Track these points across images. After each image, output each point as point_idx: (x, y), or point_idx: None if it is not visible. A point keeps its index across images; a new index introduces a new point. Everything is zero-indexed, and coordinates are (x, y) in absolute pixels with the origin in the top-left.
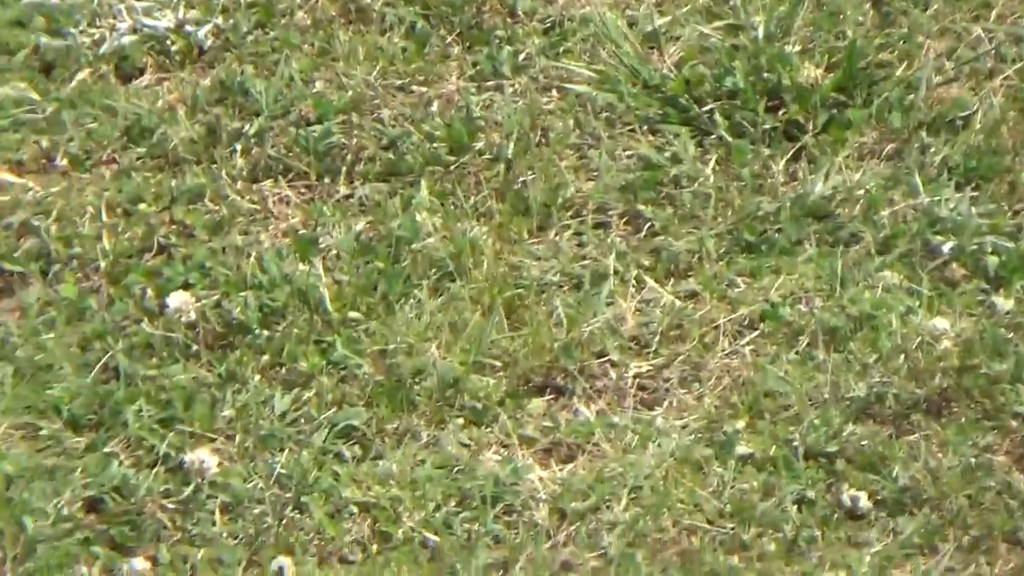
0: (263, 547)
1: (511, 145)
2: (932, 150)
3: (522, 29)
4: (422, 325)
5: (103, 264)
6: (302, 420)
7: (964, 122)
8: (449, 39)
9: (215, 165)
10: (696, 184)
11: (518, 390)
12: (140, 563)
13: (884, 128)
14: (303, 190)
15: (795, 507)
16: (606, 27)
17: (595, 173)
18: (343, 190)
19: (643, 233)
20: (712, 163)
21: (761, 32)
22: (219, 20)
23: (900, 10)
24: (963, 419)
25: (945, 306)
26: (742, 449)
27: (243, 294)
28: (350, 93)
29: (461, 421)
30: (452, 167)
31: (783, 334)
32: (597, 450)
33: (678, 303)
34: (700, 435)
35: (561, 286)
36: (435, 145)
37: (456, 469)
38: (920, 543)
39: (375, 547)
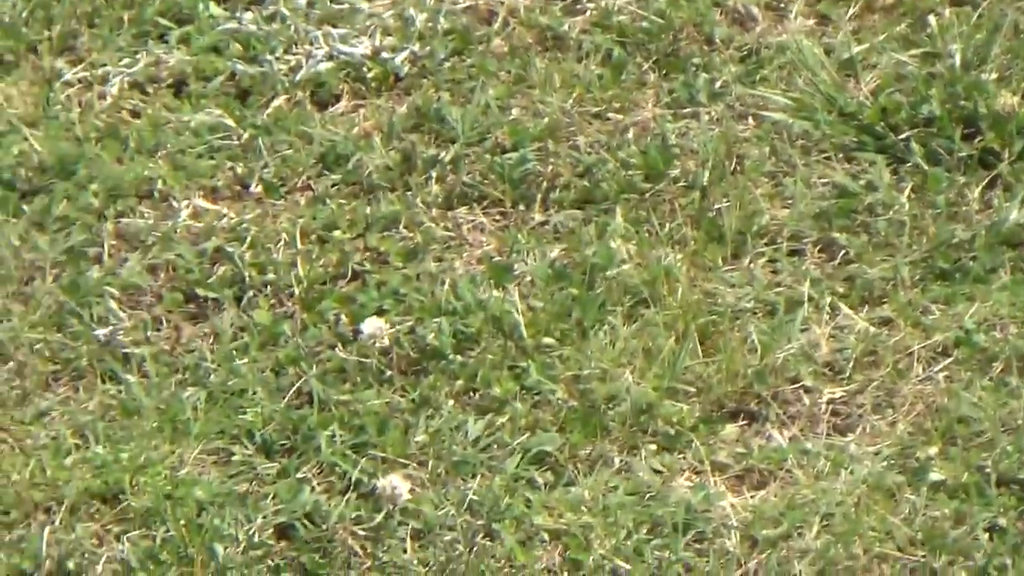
0: (454, 575)
1: (706, 173)
2: None
3: (718, 57)
4: (616, 351)
5: (297, 290)
6: (495, 446)
7: None
8: (645, 67)
9: (410, 192)
10: (891, 212)
11: (711, 416)
12: None
13: None
14: (498, 217)
15: (987, 535)
16: (802, 55)
17: (790, 201)
18: (538, 217)
19: (837, 260)
20: (907, 191)
21: (958, 60)
22: (415, 47)
23: None
24: None
25: None
26: (935, 476)
27: (437, 320)
28: (546, 120)
29: (654, 447)
30: (647, 194)
31: (977, 361)
32: (789, 477)
33: (872, 329)
34: (893, 461)
35: (755, 312)
36: (630, 172)
37: (648, 496)
38: None
39: (566, 575)
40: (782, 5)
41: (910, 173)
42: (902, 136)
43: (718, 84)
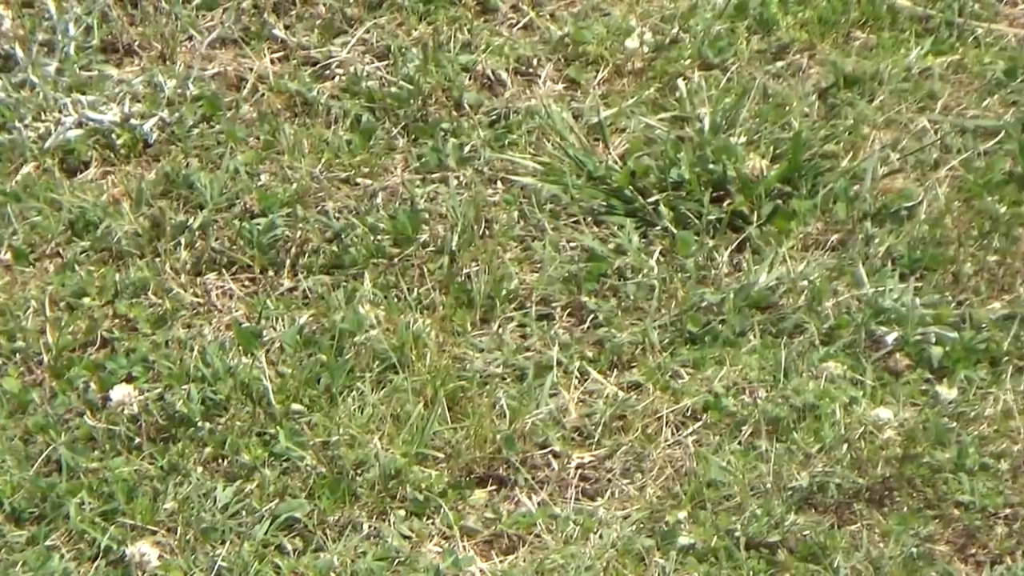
0: None
1: (455, 237)
2: (877, 241)
3: (467, 122)
4: (365, 417)
5: (46, 358)
6: (244, 512)
7: (909, 213)
8: (395, 132)
9: (159, 259)
10: (640, 276)
11: (460, 481)
12: None
13: (829, 219)
14: (247, 283)
15: None
16: (551, 119)
17: (539, 265)
18: (287, 283)
19: (587, 324)
20: (656, 254)
21: (707, 124)
22: (165, 114)
23: (846, 101)
24: (905, 508)
25: (889, 396)
26: (684, 540)
27: (186, 387)
28: (295, 186)
29: (403, 512)
30: (396, 259)
31: (726, 424)
32: (539, 541)
33: (621, 394)
34: (642, 525)
35: (504, 378)
36: (379, 237)
37: (397, 561)
38: None
39: None
40: (531, 70)
41: (659, 237)
42: (651, 200)
43: (467, 149)
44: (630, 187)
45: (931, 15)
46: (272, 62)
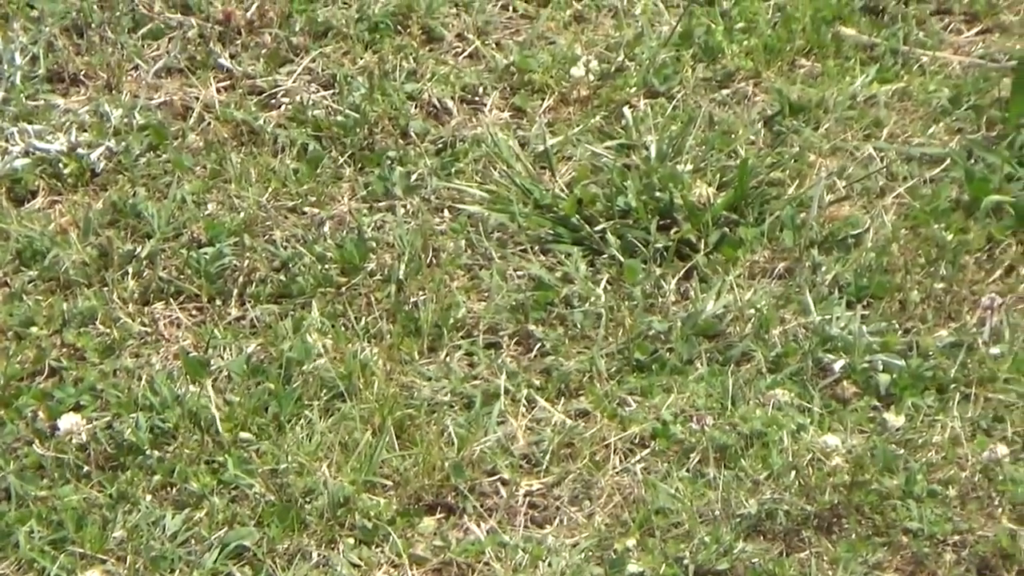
0: None
1: (402, 266)
2: (823, 268)
3: (414, 150)
4: (313, 445)
5: None
6: (193, 541)
7: (855, 240)
8: (341, 160)
9: (107, 288)
10: (587, 304)
11: (409, 509)
12: None
13: (776, 247)
14: (194, 312)
15: None
16: (498, 147)
17: (486, 293)
18: (235, 312)
19: (534, 353)
20: (603, 283)
21: (653, 151)
22: (112, 143)
23: (792, 129)
24: (853, 535)
25: (836, 423)
26: (633, 568)
27: (134, 415)
28: (242, 215)
29: (352, 541)
30: (344, 288)
31: (674, 452)
32: (488, 569)
33: (569, 422)
34: (591, 553)
35: (452, 406)
36: (327, 266)
37: None
38: None
39: None
40: (477, 98)
41: (606, 265)
42: (598, 228)
43: (414, 177)
44: (577, 215)
45: (876, 43)
46: (218, 91)
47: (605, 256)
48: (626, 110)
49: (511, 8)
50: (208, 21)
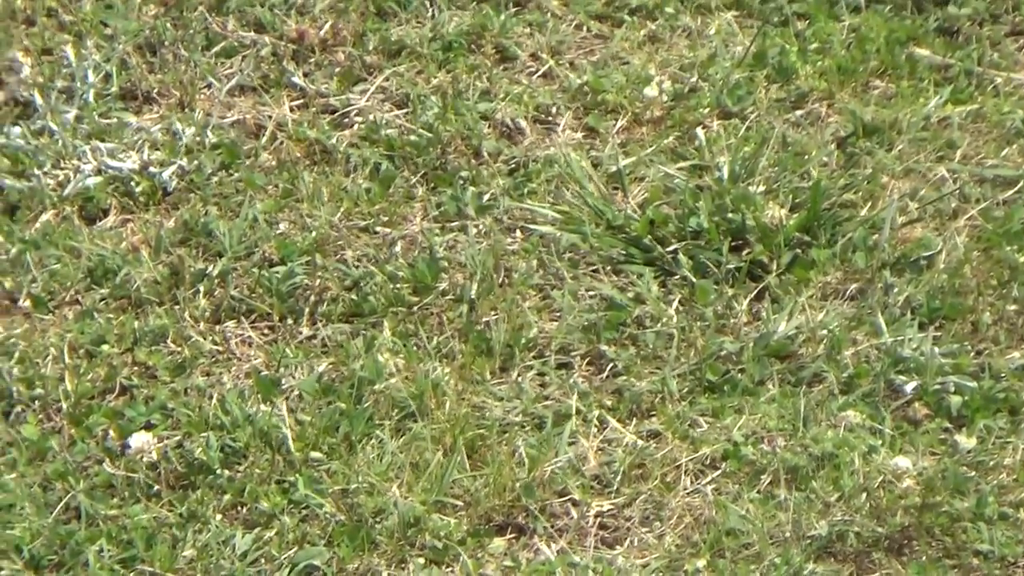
0: None
1: (474, 286)
2: (896, 290)
3: (487, 170)
4: (384, 465)
5: (65, 405)
6: (263, 560)
7: (928, 262)
8: (414, 180)
9: (178, 306)
10: (659, 324)
11: (479, 529)
12: None
13: (848, 268)
14: (266, 331)
15: None
16: (570, 168)
17: (558, 313)
18: (306, 331)
19: (605, 373)
20: (675, 303)
21: (726, 172)
22: (183, 161)
23: (865, 151)
24: (924, 557)
25: (908, 445)
26: None
27: (205, 435)
28: (313, 234)
29: (422, 561)
30: (415, 308)
31: (745, 473)
32: None
33: (640, 443)
34: (661, 574)
35: (523, 426)
36: (398, 286)
37: None
38: None
39: None
40: (550, 118)
41: (678, 286)
42: (670, 249)
43: (486, 197)
44: (649, 236)
45: (950, 64)
46: (291, 110)
47: (677, 277)
48: (699, 131)
49: (585, 28)
50: (281, 39)
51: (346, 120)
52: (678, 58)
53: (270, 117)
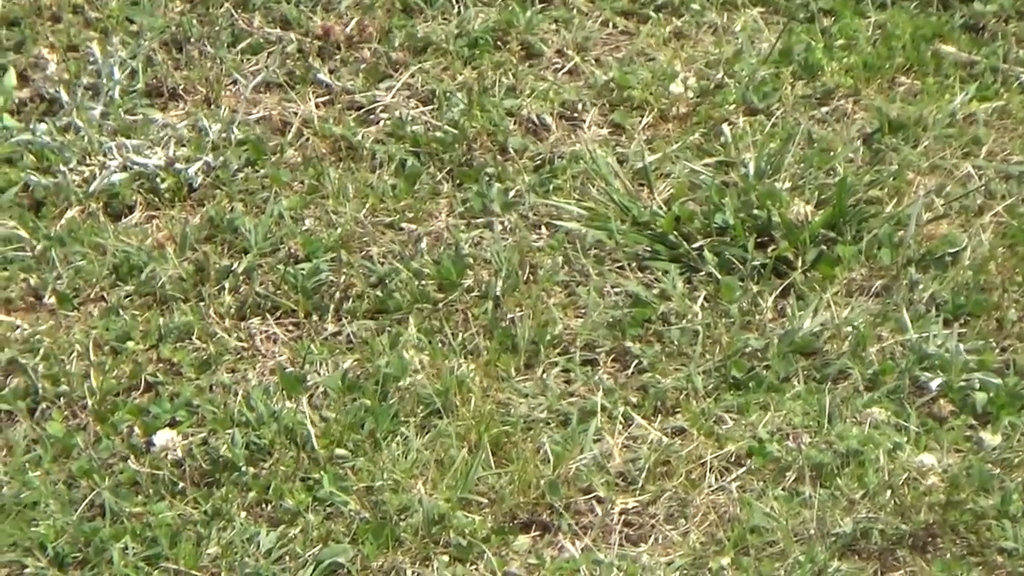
0: None
1: (500, 282)
2: (921, 287)
3: (512, 166)
4: (408, 462)
5: (90, 402)
6: (287, 558)
7: (953, 259)
8: (439, 176)
9: (203, 303)
10: (684, 321)
11: (504, 527)
12: None
13: (873, 265)
14: (291, 328)
15: None
16: (596, 164)
17: (583, 310)
18: (331, 328)
19: (631, 370)
20: (700, 300)
21: (752, 169)
22: (209, 158)
23: (891, 147)
24: (948, 555)
25: (933, 442)
26: None
27: (230, 432)
28: (339, 231)
29: (446, 558)
30: (440, 304)
31: (770, 470)
32: None
33: (665, 440)
34: (686, 571)
35: (548, 423)
36: (423, 282)
37: None
38: None
39: None
40: (575, 115)
41: (703, 282)
42: (695, 245)
43: (512, 194)
44: (675, 232)
45: (976, 61)
46: (317, 106)
47: (702, 273)
48: (725, 127)
49: (611, 24)
50: (307, 36)
51: (372, 117)
52: (704, 55)
53: (296, 114)
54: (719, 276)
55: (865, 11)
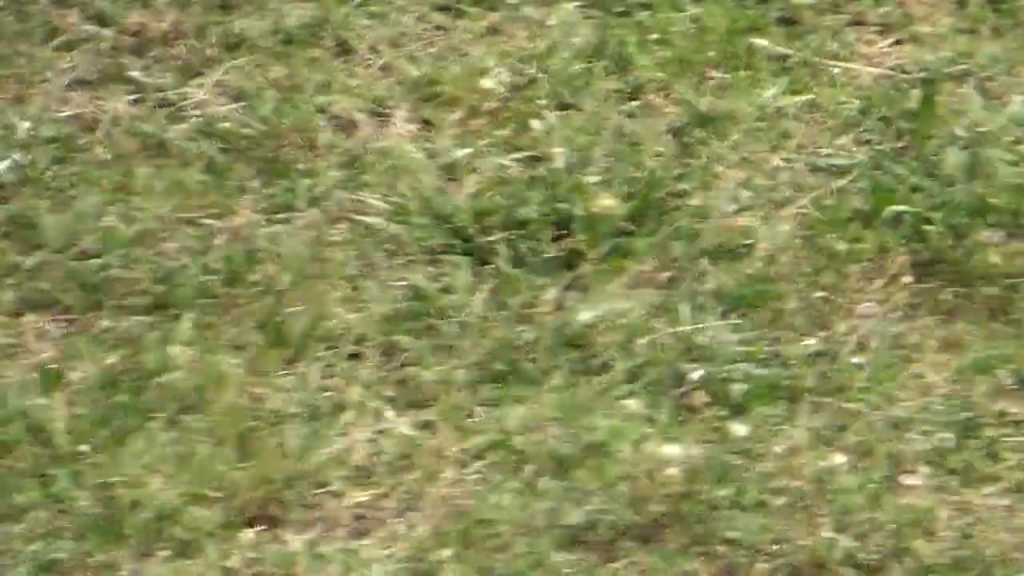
0: None
1: (286, 277)
2: (707, 278)
3: (322, 162)
4: (151, 457)
5: None
6: (7, 555)
7: (747, 250)
8: (248, 173)
9: None
10: (462, 314)
11: (232, 522)
12: None
13: (664, 257)
14: (64, 324)
15: None
16: (405, 160)
17: (366, 304)
18: (106, 323)
19: (397, 363)
20: (484, 293)
21: (561, 163)
22: (18, 155)
23: (700, 140)
24: (672, 545)
25: (684, 433)
26: None
27: None
28: (136, 227)
29: (168, 553)
30: (222, 299)
31: (512, 462)
32: None
33: (409, 433)
34: (406, 564)
35: (298, 417)
36: (210, 278)
37: None
38: None
39: None
40: (386, 111)
41: (491, 275)
42: (491, 238)
43: (320, 189)
44: (475, 226)
45: (789, 54)
46: (129, 104)
47: (491, 267)
48: (534, 122)
49: (427, 20)
50: (123, 33)
51: (183, 114)
52: (518, 50)
53: (106, 112)
54: (508, 269)
55: (681, 5)
